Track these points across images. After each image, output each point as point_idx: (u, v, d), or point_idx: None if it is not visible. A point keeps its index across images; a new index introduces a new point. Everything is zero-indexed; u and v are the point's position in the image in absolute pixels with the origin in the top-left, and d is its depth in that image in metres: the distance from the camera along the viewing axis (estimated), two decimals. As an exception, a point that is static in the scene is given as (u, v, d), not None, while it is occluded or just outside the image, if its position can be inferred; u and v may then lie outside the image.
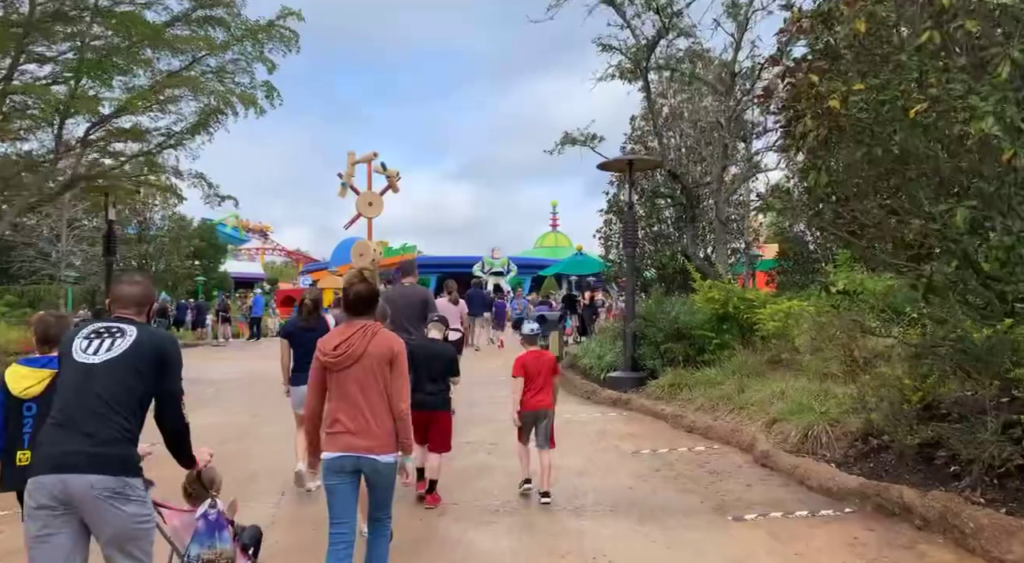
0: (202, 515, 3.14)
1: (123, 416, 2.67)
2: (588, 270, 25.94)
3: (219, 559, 3.14)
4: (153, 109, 11.77)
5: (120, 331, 2.78)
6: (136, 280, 3.02)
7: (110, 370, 2.69)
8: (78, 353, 2.73)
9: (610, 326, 19.06)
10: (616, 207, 19.79)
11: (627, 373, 10.46)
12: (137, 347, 2.74)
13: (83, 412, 2.63)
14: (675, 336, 10.11)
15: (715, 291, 10.11)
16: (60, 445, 2.59)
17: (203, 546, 3.11)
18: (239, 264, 60.73)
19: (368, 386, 3.34)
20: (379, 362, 3.35)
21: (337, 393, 3.36)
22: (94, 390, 2.65)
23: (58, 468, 2.55)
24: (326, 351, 3.38)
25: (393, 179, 37.32)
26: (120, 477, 2.60)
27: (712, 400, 8.47)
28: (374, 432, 3.30)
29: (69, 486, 2.53)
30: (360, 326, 3.41)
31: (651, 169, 11.95)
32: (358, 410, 3.31)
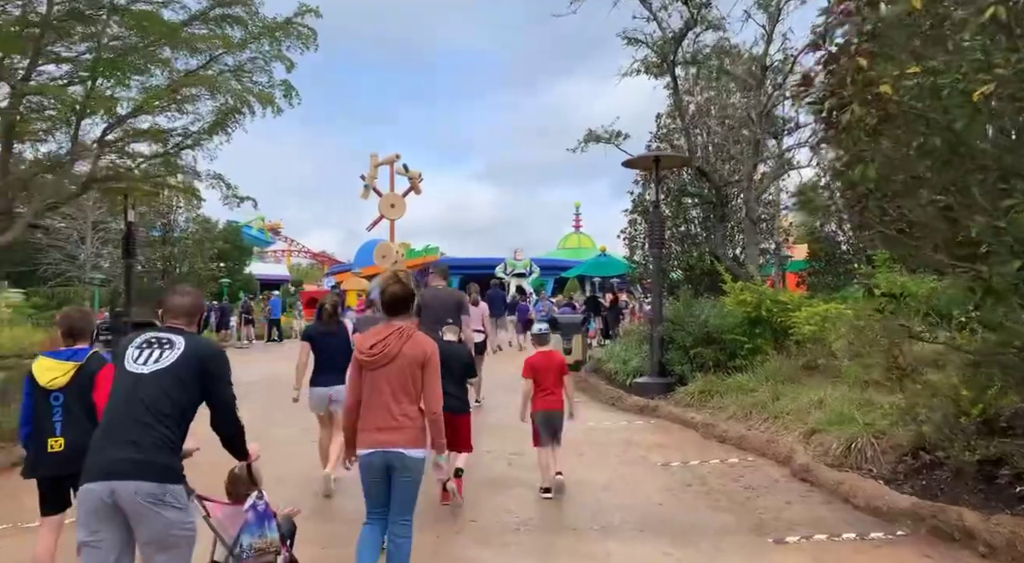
0: (251, 506, 3.27)
1: (166, 425, 2.79)
2: (612, 272, 25.48)
3: (269, 548, 3.30)
4: (171, 109, 11.63)
5: (170, 342, 2.91)
6: (186, 291, 3.18)
7: (157, 380, 2.82)
8: (129, 363, 2.87)
9: (635, 329, 18.65)
10: (641, 207, 19.33)
11: (654, 379, 10.06)
12: (184, 359, 2.88)
13: (129, 420, 2.76)
14: (705, 340, 9.69)
15: (747, 293, 9.67)
16: (108, 453, 2.72)
17: (254, 536, 3.25)
18: (265, 266, 61.24)
19: (400, 385, 3.46)
20: (412, 363, 3.47)
21: (370, 390, 3.48)
22: (141, 399, 2.78)
23: (107, 475, 2.68)
24: (363, 350, 3.51)
25: (415, 181, 37.16)
26: (162, 484, 2.71)
27: (745, 408, 8.05)
28: (403, 428, 3.41)
29: (116, 492, 2.65)
30: (396, 328, 3.53)
31: (678, 167, 11.51)
32: (389, 408, 3.43)
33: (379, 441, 3.43)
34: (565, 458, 6.85)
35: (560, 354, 6.24)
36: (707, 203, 12.53)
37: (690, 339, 9.69)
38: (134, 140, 11.58)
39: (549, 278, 46.32)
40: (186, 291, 3.20)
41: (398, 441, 3.41)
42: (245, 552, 3.23)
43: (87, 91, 10.09)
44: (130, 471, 2.68)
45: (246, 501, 3.30)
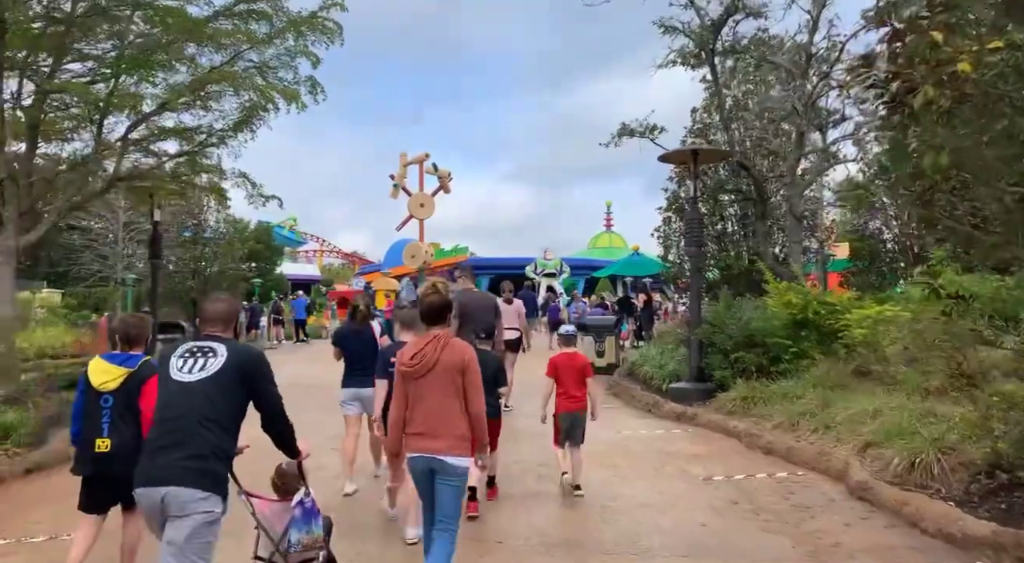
0: (299, 503, 3.36)
1: (213, 432, 2.88)
2: (645, 271, 24.88)
3: (314, 544, 3.41)
4: (195, 106, 11.46)
5: (212, 351, 3.01)
6: (220, 298, 3.32)
7: (203, 388, 2.92)
8: (175, 372, 2.98)
9: (670, 330, 18.12)
10: (676, 204, 18.75)
11: (693, 384, 9.57)
12: (227, 366, 2.98)
13: (178, 428, 2.87)
14: (747, 344, 9.17)
15: (792, 294, 9.13)
16: (156, 459, 2.85)
17: (301, 531, 3.34)
18: (296, 266, 61.71)
19: (442, 392, 3.53)
20: (451, 370, 3.53)
21: (415, 399, 3.56)
22: (188, 407, 2.89)
23: (158, 481, 2.81)
24: (404, 361, 3.59)
25: (445, 180, 36.97)
26: (207, 492, 2.82)
27: (791, 417, 7.53)
28: (446, 435, 3.48)
29: (166, 496, 2.78)
30: (432, 336, 3.60)
31: (718, 161, 10.96)
32: (432, 415, 3.51)
33: (422, 447, 3.53)
34: (599, 470, 6.47)
35: (583, 356, 6.17)
36: (747, 199, 11.90)
37: (731, 342, 9.19)
38: (159, 138, 11.42)
39: (580, 278, 45.78)
40: (220, 298, 3.33)
41: (439, 448, 3.49)
42: (293, 547, 3.32)
43: (111, 88, 9.95)
44: (179, 477, 2.80)
45: (293, 497, 3.39)
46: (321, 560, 3.51)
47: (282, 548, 3.29)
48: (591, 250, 58.54)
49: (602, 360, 13.80)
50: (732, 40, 11.20)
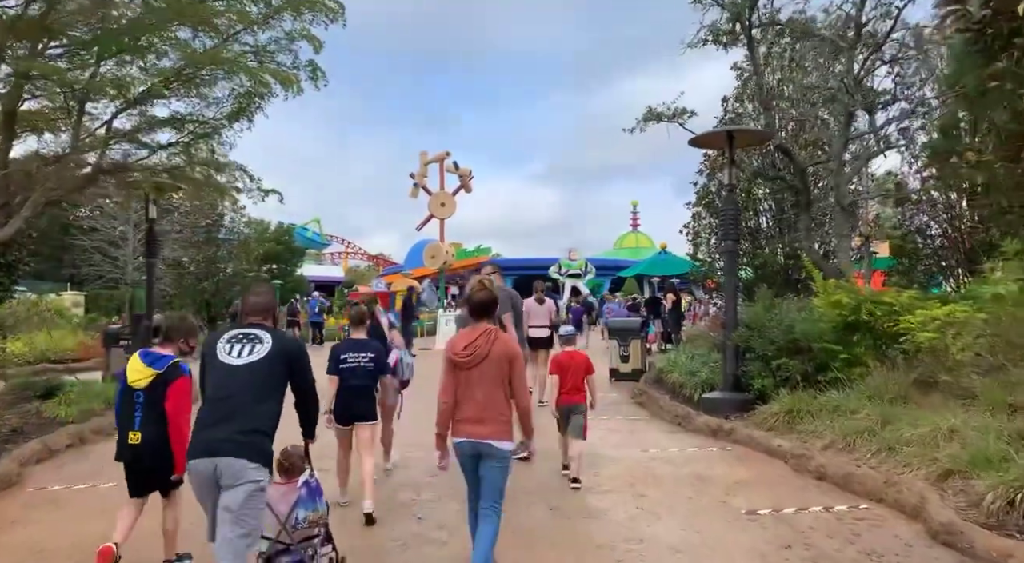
0: (304, 483, 3.67)
1: (259, 411, 3.18)
2: (674, 270, 23.72)
3: (319, 520, 3.73)
4: (189, 94, 10.69)
5: (258, 338, 3.32)
6: (260, 291, 3.60)
7: (250, 371, 3.22)
8: (223, 355, 3.26)
9: (701, 333, 17.00)
10: (706, 199, 17.66)
11: (728, 394, 8.53)
12: (273, 353, 3.28)
13: (228, 405, 3.16)
14: (790, 350, 8.11)
15: (842, 294, 8.04)
16: (210, 433, 3.13)
17: (308, 509, 3.66)
18: (319, 268, 61.46)
19: (490, 382, 3.72)
20: (500, 362, 3.73)
21: (463, 388, 3.75)
22: (237, 388, 3.18)
23: (211, 453, 3.09)
24: (456, 352, 3.76)
25: (466, 178, 36.13)
26: (255, 463, 3.10)
27: (846, 435, 6.47)
28: (492, 421, 3.69)
29: (219, 467, 3.07)
30: (483, 330, 3.79)
31: (757, 144, 9.85)
32: (480, 403, 3.71)
33: (470, 432, 3.71)
34: (621, 500, 5.52)
35: (584, 354, 6.40)
36: (788, 188, 10.73)
37: (772, 348, 8.13)
38: (149, 128, 10.66)
39: (606, 278, 44.70)
40: (260, 291, 3.61)
41: (487, 433, 3.68)
42: (300, 524, 3.62)
43: (91, 73, 9.20)
44: (231, 449, 3.07)
45: (299, 478, 3.69)
46: (322, 536, 3.77)
47: (289, 525, 3.58)
48: (617, 250, 57.42)
49: (627, 366, 12.79)
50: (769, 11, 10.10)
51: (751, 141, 8.94)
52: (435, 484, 5.96)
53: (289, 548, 3.60)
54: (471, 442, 3.70)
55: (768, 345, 8.15)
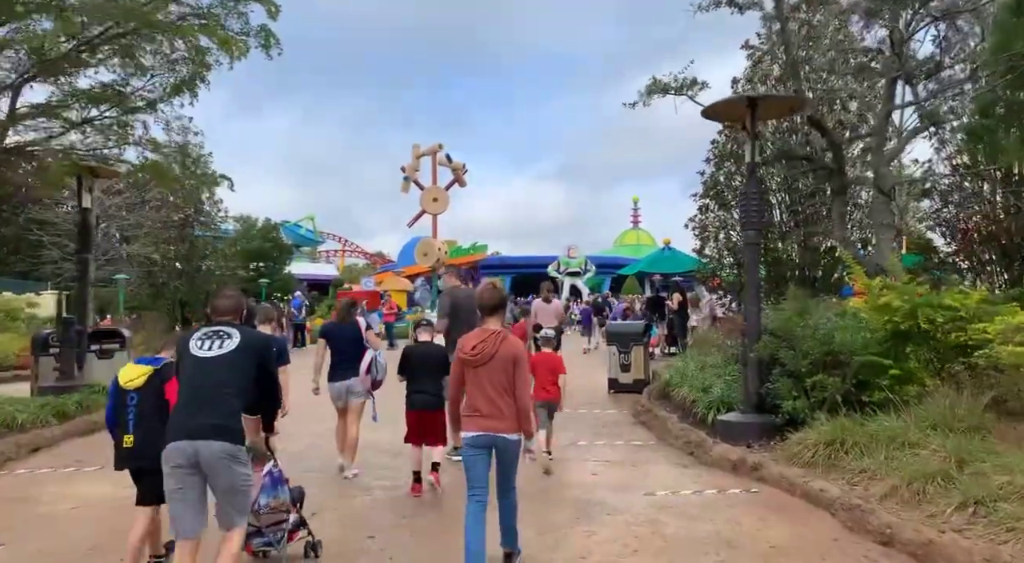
0: (267, 472, 4.15)
1: (233, 397, 3.50)
2: (678, 268, 22.17)
3: (281, 507, 4.19)
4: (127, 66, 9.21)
5: (228, 334, 3.64)
6: (228, 294, 4.00)
7: (221, 363, 3.53)
8: (195, 350, 3.58)
9: (708, 337, 15.50)
10: (714, 190, 16.18)
11: (751, 417, 7.05)
12: (240, 347, 3.59)
13: (203, 394, 3.46)
14: (827, 363, 6.63)
15: (892, 295, 6.55)
16: (190, 419, 3.39)
17: (269, 496, 4.13)
18: (312, 266, 59.95)
19: (498, 380, 4.00)
20: (506, 361, 4.00)
21: (474, 384, 4.05)
22: (211, 378, 3.50)
23: (190, 436, 3.35)
24: (466, 350, 4.05)
25: (459, 172, 34.60)
26: (235, 445, 3.41)
27: (912, 479, 4.98)
28: (504, 416, 3.98)
29: (199, 450, 3.32)
30: (492, 331, 4.08)
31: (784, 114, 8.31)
32: (491, 399, 3.98)
33: (485, 426, 3.97)
34: None
35: (558, 356, 7.10)
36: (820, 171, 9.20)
37: (806, 362, 6.63)
38: (72, 103, 9.17)
39: (606, 277, 43.22)
40: (227, 294, 4.00)
41: (500, 427, 3.97)
42: (262, 509, 4.08)
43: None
44: (208, 433, 3.35)
45: (263, 468, 4.12)
46: (291, 523, 4.23)
47: (254, 509, 3.96)
48: (617, 248, 55.89)
49: (628, 376, 11.29)
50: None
51: (777, 110, 7.45)
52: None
53: (260, 530, 4.07)
54: (488, 435, 3.97)
55: (801, 358, 6.66)
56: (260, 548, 4.15)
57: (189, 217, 22.35)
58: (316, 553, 4.33)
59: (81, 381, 10.31)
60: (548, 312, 10.29)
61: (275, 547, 4.13)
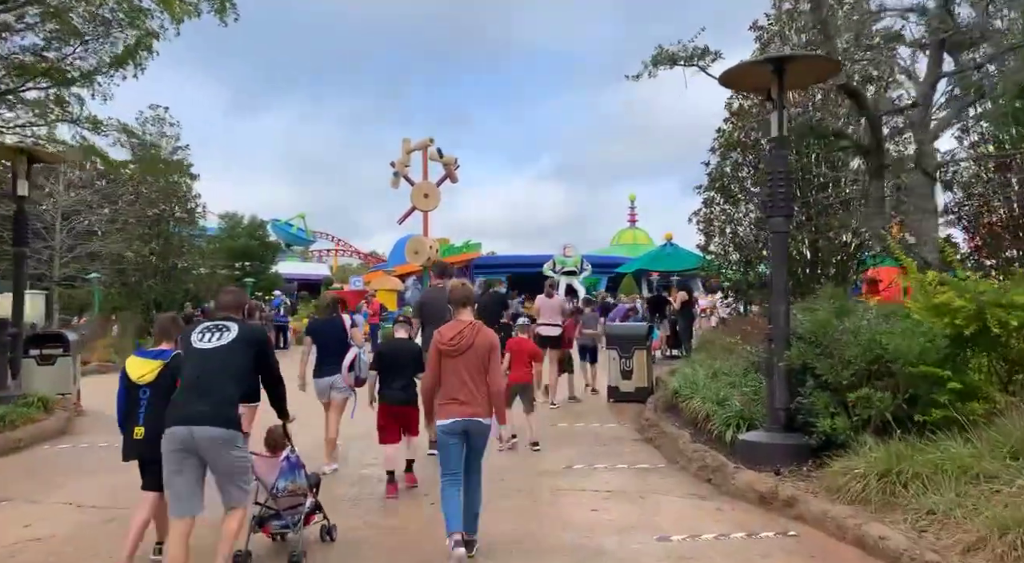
0: (285, 457, 4.42)
1: (230, 387, 3.77)
2: (681, 265, 21.02)
3: (298, 490, 4.44)
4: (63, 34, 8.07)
5: (226, 327, 3.90)
6: (231, 290, 4.55)
7: (219, 354, 3.80)
8: (196, 343, 3.86)
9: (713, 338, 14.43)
10: (720, 182, 15.09)
11: (778, 436, 5.96)
12: (237, 338, 3.86)
13: (202, 383, 3.71)
14: (872, 373, 5.53)
15: (950, 293, 5.45)
16: (188, 406, 3.65)
17: (287, 480, 4.39)
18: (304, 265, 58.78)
19: (473, 368, 4.30)
20: (482, 351, 4.30)
21: (450, 373, 4.31)
22: (209, 368, 3.76)
23: (187, 421, 3.61)
24: (444, 341, 4.32)
25: (451, 167, 33.37)
26: (228, 430, 3.66)
27: (1004, 527, 3.88)
28: (477, 402, 4.27)
29: (195, 434, 3.59)
30: (468, 323, 4.37)
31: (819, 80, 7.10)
32: (466, 386, 4.27)
33: (463, 412, 4.24)
34: None
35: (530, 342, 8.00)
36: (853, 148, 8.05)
37: (847, 373, 5.53)
38: None
39: (602, 276, 42.10)
40: (230, 290, 4.52)
41: (475, 412, 4.25)
42: (280, 492, 4.35)
43: None
44: (205, 419, 3.60)
45: (281, 453, 4.44)
46: (308, 506, 4.43)
47: (273, 492, 4.32)
48: (613, 247, 54.81)
49: (630, 383, 10.19)
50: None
51: (809, 74, 6.30)
52: None
53: (278, 513, 4.37)
54: (464, 420, 4.25)
55: (841, 368, 5.56)
56: (278, 531, 4.40)
57: (164, 212, 21.20)
58: (332, 536, 4.61)
59: (16, 391, 9.18)
60: (551, 307, 10.27)
61: (292, 529, 4.31)
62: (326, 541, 4.56)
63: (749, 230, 15.09)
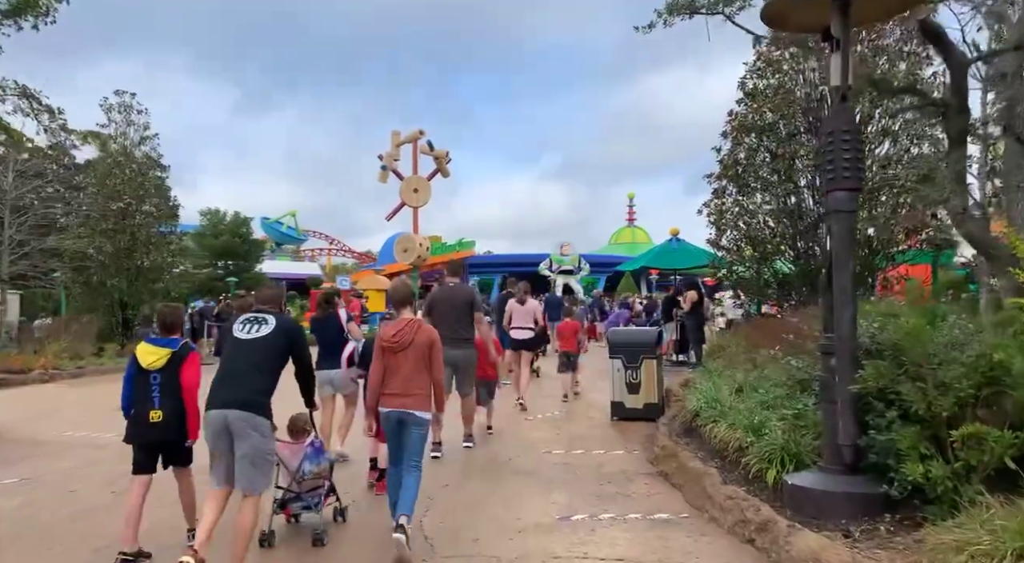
0: (310, 442, 4.81)
1: (263, 377, 4.09)
2: (688, 262, 19.53)
3: (322, 473, 4.82)
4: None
5: (265, 320, 4.27)
6: (269, 286, 5.06)
7: (256, 345, 4.15)
8: (238, 332, 4.24)
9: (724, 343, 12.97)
10: (732, 170, 13.64)
11: (842, 481, 4.49)
12: (275, 331, 4.22)
13: (238, 371, 4.08)
14: (981, 401, 4.05)
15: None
16: (224, 392, 4.03)
17: (313, 464, 4.76)
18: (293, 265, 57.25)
19: (413, 364, 4.57)
20: (422, 347, 4.60)
21: (392, 368, 4.59)
22: (245, 358, 4.12)
23: (223, 405, 3.99)
24: (386, 338, 4.63)
25: (442, 161, 31.81)
26: (257, 416, 3.99)
27: None
28: (414, 395, 4.54)
29: (228, 417, 3.96)
30: (408, 320, 4.69)
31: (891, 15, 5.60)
32: (405, 380, 4.55)
33: (396, 403, 4.54)
34: None
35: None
36: (928, 106, 6.58)
37: (946, 400, 4.05)
38: None
39: (600, 276, 40.67)
40: (269, 286, 4.97)
41: (409, 404, 4.53)
42: (306, 475, 4.72)
43: None
44: (238, 404, 3.97)
45: (305, 439, 4.83)
46: (326, 488, 4.84)
47: (297, 476, 4.68)
48: (612, 245, 53.43)
49: (637, 398, 8.70)
50: None
51: (881, 6, 4.82)
52: None
53: (299, 496, 4.73)
54: (397, 411, 4.53)
55: (937, 395, 4.07)
56: (298, 512, 4.79)
57: (130, 206, 19.63)
58: (344, 517, 4.98)
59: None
60: (523, 313, 10.37)
61: (314, 510, 4.72)
62: (339, 521, 4.94)
63: (765, 223, 13.69)
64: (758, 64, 13.79)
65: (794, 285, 13.33)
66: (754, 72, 13.86)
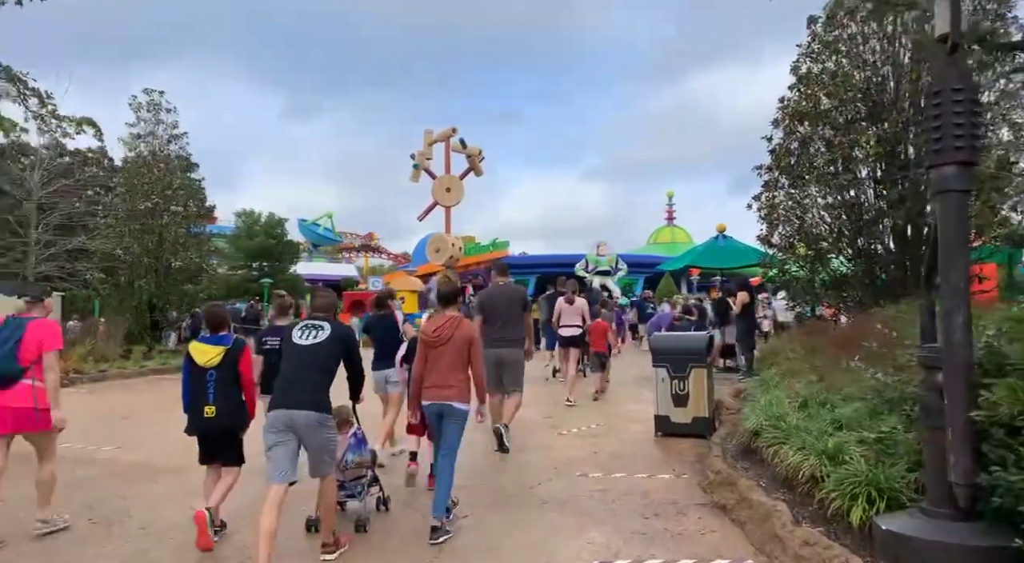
0: (353, 433, 5.02)
1: (322, 377, 4.42)
2: (736, 261, 18.36)
3: (364, 463, 5.04)
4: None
5: (320, 327, 4.57)
6: (323, 295, 4.94)
7: (314, 350, 4.46)
8: (296, 338, 4.53)
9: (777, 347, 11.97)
10: (784, 161, 12.61)
11: (954, 529, 3.56)
12: (331, 337, 4.53)
13: (299, 374, 4.39)
14: None
15: None
16: (289, 394, 4.32)
17: (355, 454, 4.97)
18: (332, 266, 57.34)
19: (453, 358, 4.91)
20: (462, 343, 4.93)
21: (433, 362, 4.94)
22: (305, 361, 4.42)
23: (288, 406, 4.28)
24: (428, 334, 4.96)
25: (475, 159, 31.10)
26: (322, 414, 4.33)
27: None
28: (453, 388, 4.86)
29: (293, 417, 4.25)
30: (449, 317, 5.01)
31: None
32: (443, 373, 4.88)
33: (436, 396, 4.88)
34: None
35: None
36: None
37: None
38: None
39: (639, 276, 39.55)
40: (322, 294, 4.94)
41: (449, 396, 4.85)
42: (348, 464, 4.92)
43: None
44: (303, 404, 4.27)
45: (348, 430, 5.00)
46: (369, 477, 5.09)
47: (341, 465, 4.82)
48: (651, 245, 52.18)
49: (683, 411, 7.77)
50: None
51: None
52: None
53: (343, 484, 4.92)
54: (437, 403, 4.87)
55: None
56: (342, 499, 4.97)
57: (158, 206, 19.35)
58: (387, 507, 5.29)
59: None
60: (571, 312, 10.58)
61: (357, 498, 4.99)
62: (381, 510, 5.21)
63: (820, 218, 12.62)
64: (813, 46, 12.78)
65: (852, 286, 12.27)
66: (808, 55, 12.84)
